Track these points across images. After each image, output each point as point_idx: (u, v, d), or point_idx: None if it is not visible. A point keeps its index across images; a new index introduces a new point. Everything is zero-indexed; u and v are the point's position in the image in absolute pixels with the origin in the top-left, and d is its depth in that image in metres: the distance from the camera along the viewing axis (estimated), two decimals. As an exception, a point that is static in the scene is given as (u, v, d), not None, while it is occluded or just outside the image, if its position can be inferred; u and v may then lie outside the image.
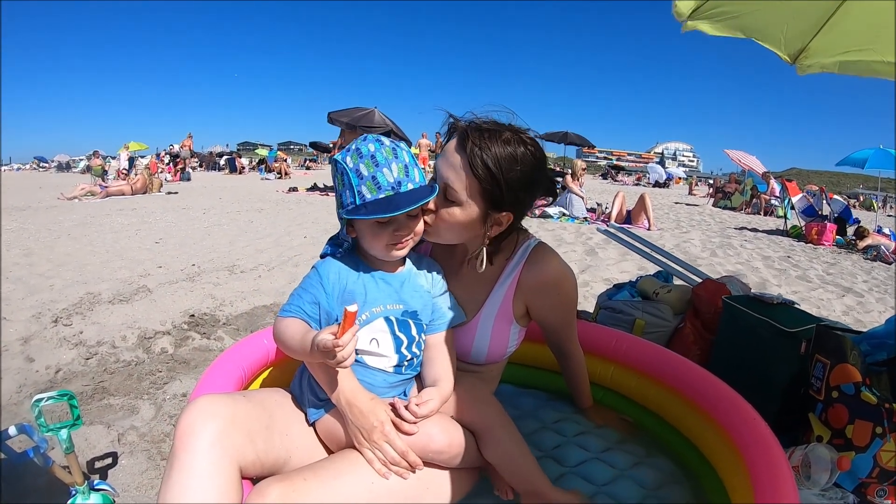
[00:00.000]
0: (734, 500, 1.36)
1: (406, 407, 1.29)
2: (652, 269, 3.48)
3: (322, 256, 1.42)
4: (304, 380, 1.41)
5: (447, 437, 1.31)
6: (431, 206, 1.38)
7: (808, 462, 1.63)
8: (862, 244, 9.47)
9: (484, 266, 1.46)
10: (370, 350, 1.33)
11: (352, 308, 1.12)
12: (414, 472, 1.27)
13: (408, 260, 1.45)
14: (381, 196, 1.24)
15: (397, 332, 1.36)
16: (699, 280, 3.00)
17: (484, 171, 1.33)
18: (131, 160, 16.12)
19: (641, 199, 10.05)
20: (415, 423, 1.28)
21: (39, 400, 1.62)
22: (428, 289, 1.45)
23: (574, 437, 1.75)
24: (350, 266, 1.37)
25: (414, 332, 1.39)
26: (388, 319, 1.35)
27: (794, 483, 1.22)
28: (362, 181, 1.25)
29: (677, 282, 3.15)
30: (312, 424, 1.38)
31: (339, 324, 1.14)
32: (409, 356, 1.38)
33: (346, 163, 1.27)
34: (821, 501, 1.62)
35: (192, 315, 3.58)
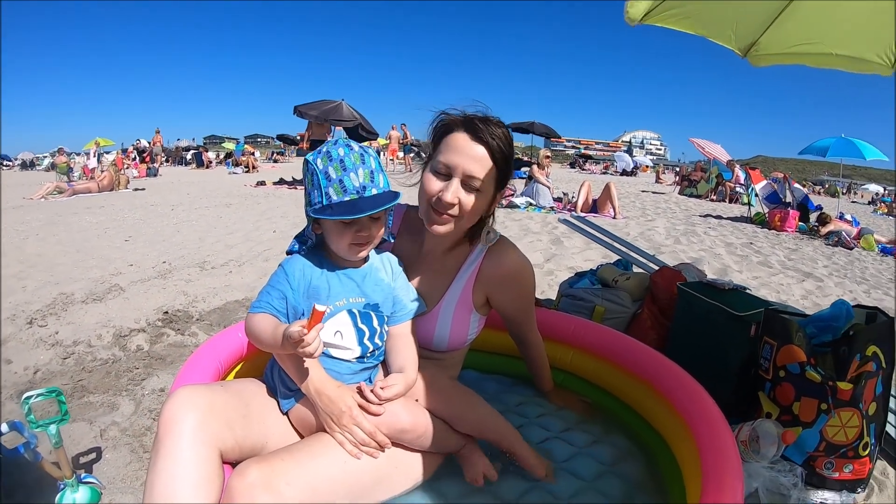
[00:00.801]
0: (684, 470, 1.48)
1: (371, 390, 1.39)
2: (616, 257, 3.61)
3: (288, 253, 1.51)
4: (275, 372, 1.50)
5: (412, 417, 1.41)
6: (454, 196, 1.50)
7: (757, 437, 1.75)
8: (824, 230, 9.80)
9: (488, 237, 1.66)
10: (334, 342, 1.42)
11: (321, 307, 1.22)
12: (383, 450, 1.37)
13: (370, 255, 1.53)
14: (347, 199, 1.34)
15: (360, 324, 1.45)
16: (657, 268, 3.13)
17: (500, 157, 1.51)
18: (98, 157, 15.81)
19: (607, 188, 10.23)
20: (380, 404, 1.37)
21: (29, 397, 1.65)
22: (389, 282, 1.54)
23: (536, 419, 1.86)
24: (314, 263, 1.46)
25: (375, 323, 1.47)
26: (350, 312, 1.44)
27: (737, 453, 1.34)
28: (330, 183, 1.34)
29: (636, 270, 3.29)
30: (286, 413, 1.46)
31: (308, 319, 1.23)
32: (372, 347, 1.47)
33: (316, 164, 1.36)
34: (770, 473, 1.74)
35: (166, 312, 3.61)
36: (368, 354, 1.47)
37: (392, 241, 1.61)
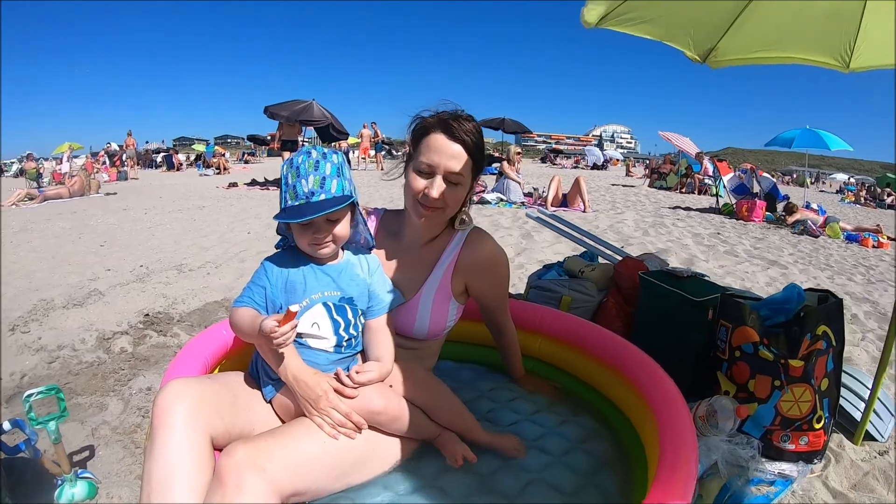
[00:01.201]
0: (647, 447, 1.60)
1: (347, 374, 1.50)
2: (582, 249, 3.74)
3: (277, 248, 1.63)
4: (259, 363, 1.60)
5: (384, 400, 1.51)
6: (438, 191, 1.63)
7: (714, 412, 1.89)
8: (791, 219, 10.07)
9: (472, 223, 1.83)
10: (311, 333, 1.52)
11: (294, 308, 1.35)
12: (359, 431, 1.48)
13: (346, 252, 1.64)
14: (296, 204, 1.46)
15: (335, 316, 1.55)
16: (620, 258, 3.28)
17: (475, 150, 1.65)
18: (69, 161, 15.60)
19: (576, 182, 10.37)
20: (354, 388, 1.48)
21: (30, 395, 1.71)
22: (364, 277, 1.64)
23: (507, 403, 1.97)
24: (293, 259, 1.57)
25: (350, 315, 1.57)
26: (326, 305, 1.54)
27: (692, 426, 1.47)
28: (287, 189, 1.48)
29: (602, 261, 3.43)
30: (269, 401, 1.56)
31: (283, 314, 1.36)
32: (347, 337, 1.57)
33: (283, 170, 1.50)
34: (728, 446, 1.86)
35: (147, 314, 3.67)
36: (344, 344, 1.56)
37: (373, 245, 1.70)
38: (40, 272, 4.96)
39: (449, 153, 1.63)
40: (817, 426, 2.05)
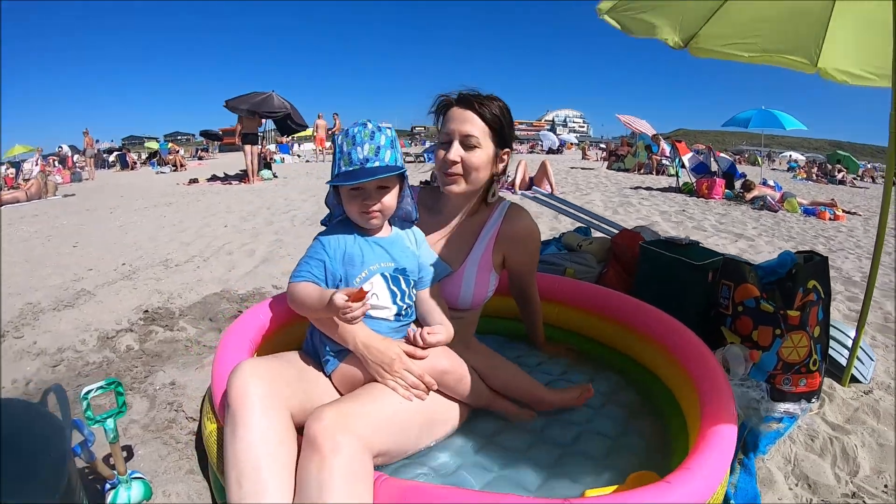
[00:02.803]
0: (679, 394, 1.75)
1: (419, 334, 1.59)
2: (563, 227, 3.87)
3: (322, 224, 1.71)
4: (316, 338, 1.66)
5: (451, 360, 1.61)
6: (456, 154, 1.74)
7: (726, 360, 2.06)
8: (749, 196, 10.46)
9: (496, 196, 1.93)
10: (372, 303, 1.59)
11: (367, 287, 1.47)
12: (429, 392, 1.57)
13: (394, 228, 1.73)
14: (350, 169, 1.54)
15: (392, 287, 1.63)
16: (616, 231, 3.43)
17: (492, 116, 1.75)
18: (17, 164, 15.05)
19: (543, 165, 10.53)
20: (425, 349, 1.58)
21: (88, 392, 1.61)
22: (413, 249, 1.73)
23: (536, 367, 2.13)
24: (345, 233, 1.65)
25: (404, 285, 1.66)
26: (383, 275, 1.63)
27: (723, 372, 1.62)
28: (342, 156, 1.56)
29: (595, 234, 3.58)
30: (329, 375, 1.63)
31: (355, 290, 1.44)
32: (405, 305, 1.66)
33: (337, 140, 1.59)
34: (741, 390, 2.08)
35: (146, 311, 3.62)
36: (403, 312, 1.65)
37: (416, 219, 1.79)
38: (17, 276, 4.80)
39: (462, 118, 1.75)
40: (813, 368, 2.24)
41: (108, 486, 1.67)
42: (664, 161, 16.62)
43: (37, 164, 14.31)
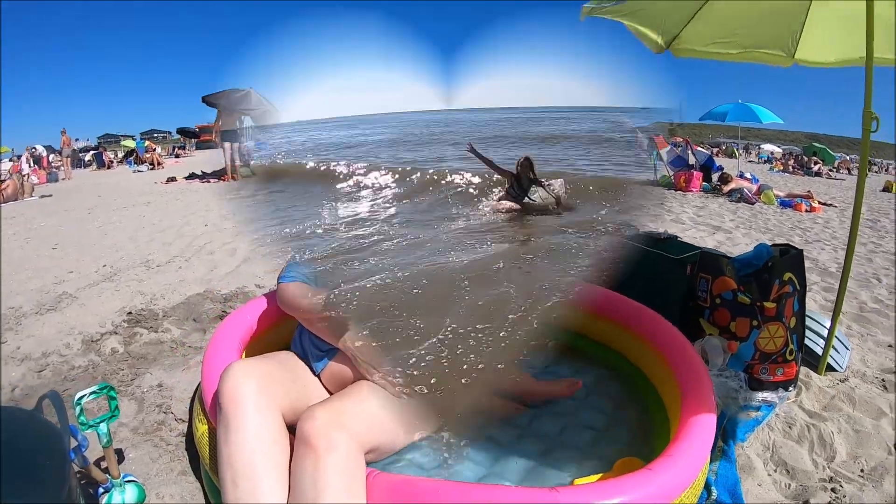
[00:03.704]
0: (659, 385, 1.80)
1: None
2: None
3: None
4: (304, 338, 1.68)
5: None
6: None
7: (705, 351, 2.12)
8: (726, 188, 10.52)
9: None
10: None
11: None
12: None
13: None
14: None
15: None
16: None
17: None
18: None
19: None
20: None
21: (82, 397, 1.60)
22: None
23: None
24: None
25: None
26: None
27: (703, 362, 1.67)
28: None
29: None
30: (318, 374, 1.65)
31: None
32: None
33: None
34: (720, 380, 2.13)
35: (130, 313, 3.60)
36: None
37: None
38: (-4, 280, 4.77)
39: None
40: (790, 358, 2.31)
41: (101, 490, 1.66)
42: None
43: (10, 163, 14.04)
